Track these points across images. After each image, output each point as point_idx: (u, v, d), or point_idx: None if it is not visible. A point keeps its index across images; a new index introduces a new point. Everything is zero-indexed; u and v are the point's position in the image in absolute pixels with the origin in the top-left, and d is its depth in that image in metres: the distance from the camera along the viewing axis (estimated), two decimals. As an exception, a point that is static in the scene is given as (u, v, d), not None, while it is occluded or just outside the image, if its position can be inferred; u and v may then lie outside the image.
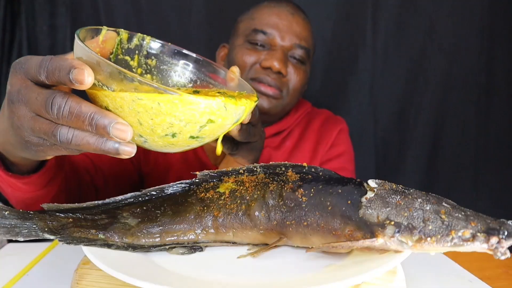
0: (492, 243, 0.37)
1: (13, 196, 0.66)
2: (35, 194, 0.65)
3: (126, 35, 0.52)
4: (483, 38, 1.42)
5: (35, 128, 0.42)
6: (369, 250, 0.45)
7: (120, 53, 0.53)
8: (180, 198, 0.56)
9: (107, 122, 0.39)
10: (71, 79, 0.38)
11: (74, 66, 0.39)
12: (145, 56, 0.55)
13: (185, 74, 0.58)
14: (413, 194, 0.44)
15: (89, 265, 0.50)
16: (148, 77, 0.56)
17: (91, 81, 0.39)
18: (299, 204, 0.50)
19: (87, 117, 0.39)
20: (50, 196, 0.68)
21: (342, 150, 1.07)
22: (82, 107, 0.40)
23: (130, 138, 0.41)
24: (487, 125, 1.46)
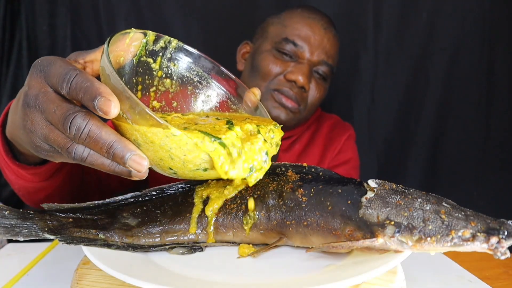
0: (492, 243, 0.37)
1: (16, 183, 0.65)
2: (39, 184, 0.65)
3: (152, 37, 0.52)
4: (484, 38, 1.42)
5: (49, 138, 0.42)
6: (369, 250, 0.45)
7: (143, 55, 0.52)
8: (180, 198, 0.57)
9: (126, 154, 0.39)
10: (96, 106, 0.37)
11: (101, 95, 0.38)
12: (168, 59, 0.55)
13: (204, 83, 0.58)
14: (413, 194, 0.44)
15: (89, 265, 0.50)
16: (167, 82, 0.56)
17: (116, 113, 0.38)
18: (299, 204, 0.50)
19: (106, 145, 0.39)
20: (53, 186, 0.68)
21: (349, 157, 1.07)
22: (102, 133, 0.39)
23: (145, 171, 0.40)
24: (488, 125, 1.46)
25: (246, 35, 1.10)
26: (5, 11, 1.30)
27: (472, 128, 1.46)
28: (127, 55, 0.50)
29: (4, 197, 1.31)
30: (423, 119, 1.47)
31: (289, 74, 0.92)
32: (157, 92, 0.56)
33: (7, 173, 0.63)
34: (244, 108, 0.57)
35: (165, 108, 0.57)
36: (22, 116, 0.44)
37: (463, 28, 1.42)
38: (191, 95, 0.58)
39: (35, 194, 0.68)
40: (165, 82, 0.56)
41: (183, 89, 0.57)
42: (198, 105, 0.58)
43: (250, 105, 0.56)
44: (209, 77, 0.58)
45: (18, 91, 0.49)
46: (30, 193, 0.68)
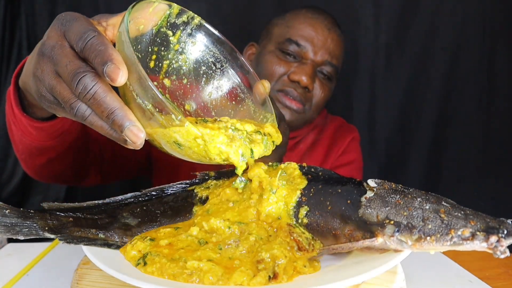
0: (492, 242, 0.37)
1: (20, 142, 0.65)
2: (43, 144, 0.65)
3: (176, 10, 0.52)
4: (484, 38, 1.42)
5: (55, 90, 0.42)
6: (369, 250, 0.45)
7: (164, 26, 0.52)
8: (180, 198, 0.57)
9: (125, 123, 0.39)
10: (104, 71, 0.38)
11: (112, 61, 0.38)
12: (187, 35, 0.55)
13: (218, 65, 0.57)
14: (413, 194, 0.43)
15: (89, 265, 0.50)
16: (182, 58, 0.55)
17: (123, 82, 0.38)
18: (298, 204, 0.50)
19: (108, 109, 0.39)
20: (56, 150, 0.68)
21: (352, 158, 1.07)
22: (107, 97, 0.39)
23: (140, 143, 0.41)
24: (489, 125, 1.46)
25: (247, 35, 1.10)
26: (5, 11, 1.30)
27: (472, 128, 1.46)
28: (148, 24, 0.49)
29: (4, 197, 1.31)
30: (423, 119, 1.47)
31: (292, 75, 0.92)
32: (170, 65, 0.55)
33: (13, 129, 0.63)
34: (251, 99, 0.57)
35: (175, 84, 0.57)
36: (35, 64, 0.44)
37: (463, 28, 1.42)
38: (203, 75, 0.57)
39: (37, 157, 0.68)
40: (180, 57, 0.55)
41: (197, 67, 0.57)
42: (209, 87, 0.58)
43: (258, 97, 0.56)
44: (225, 61, 0.57)
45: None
46: (32, 155, 0.68)
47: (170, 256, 0.43)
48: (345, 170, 1.05)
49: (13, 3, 1.32)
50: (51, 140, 0.64)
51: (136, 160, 0.99)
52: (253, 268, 0.42)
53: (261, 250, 0.44)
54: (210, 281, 0.39)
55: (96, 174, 0.88)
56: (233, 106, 0.57)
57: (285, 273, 0.41)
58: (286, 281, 0.41)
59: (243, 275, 0.40)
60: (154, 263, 0.42)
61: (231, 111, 0.58)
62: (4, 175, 1.33)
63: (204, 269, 0.40)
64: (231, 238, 0.46)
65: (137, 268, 0.43)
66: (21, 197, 1.37)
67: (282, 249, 0.43)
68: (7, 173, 1.33)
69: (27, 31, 1.36)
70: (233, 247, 0.44)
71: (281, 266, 0.41)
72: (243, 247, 0.45)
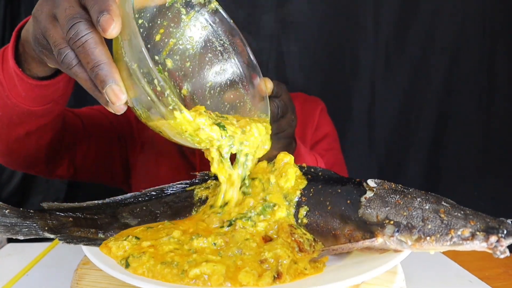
0: (492, 242, 0.37)
1: (4, 105, 0.62)
2: (28, 109, 0.61)
3: None
4: (484, 38, 1.42)
5: (48, 31, 0.42)
6: (369, 250, 0.45)
7: (179, 1, 0.51)
8: (179, 198, 0.57)
9: (108, 80, 0.38)
10: (98, 20, 0.37)
11: (109, 12, 0.37)
12: (201, 17, 0.53)
13: (225, 55, 0.56)
14: (413, 194, 0.44)
15: (89, 265, 0.50)
16: (190, 39, 0.54)
17: (114, 35, 0.38)
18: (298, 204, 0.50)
19: (94, 61, 0.39)
20: (38, 122, 0.65)
21: (327, 131, 1.06)
22: (96, 49, 0.38)
23: (120, 104, 0.40)
24: (489, 125, 1.46)
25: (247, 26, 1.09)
26: (5, 11, 1.30)
27: (472, 128, 1.46)
28: None
29: (4, 197, 1.31)
30: (423, 119, 1.47)
31: None
32: (176, 44, 0.54)
33: (3, 84, 0.60)
34: (250, 96, 0.56)
35: (177, 64, 0.55)
36: (37, 6, 0.44)
37: (463, 28, 1.42)
38: (208, 62, 0.56)
39: (15, 126, 0.65)
40: (189, 39, 0.54)
41: (203, 53, 0.55)
42: (210, 74, 0.56)
43: (258, 94, 0.55)
44: (233, 52, 0.56)
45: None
46: (10, 125, 0.65)
47: (161, 260, 0.42)
48: (325, 144, 1.03)
49: (13, 3, 1.32)
50: (39, 105, 0.62)
51: (111, 160, 0.96)
52: (257, 268, 0.41)
53: (263, 250, 0.44)
54: (216, 283, 0.39)
55: (69, 165, 0.86)
56: (231, 99, 0.56)
57: (288, 273, 0.41)
58: (289, 281, 0.41)
59: (249, 276, 0.40)
60: (143, 264, 0.41)
61: (227, 104, 0.56)
62: (4, 175, 1.33)
63: (207, 272, 0.40)
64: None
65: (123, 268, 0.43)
66: (21, 197, 1.37)
67: (284, 249, 0.43)
68: (7, 173, 1.33)
69: (27, 31, 1.36)
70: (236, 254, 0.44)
71: (285, 266, 0.41)
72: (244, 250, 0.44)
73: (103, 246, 0.46)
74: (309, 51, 1.44)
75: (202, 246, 0.44)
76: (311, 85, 1.46)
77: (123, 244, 0.45)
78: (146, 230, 0.49)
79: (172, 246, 0.44)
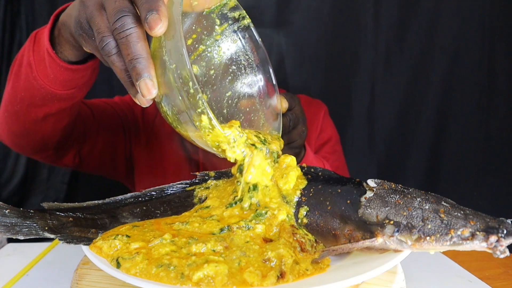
0: (491, 242, 0.37)
1: (25, 88, 0.65)
2: (52, 92, 0.65)
3: (232, 4, 0.53)
4: (484, 38, 1.42)
5: (93, 18, 0.44)
6: (368, 250, 0.45)
7: (216, 12, 0.53)
8: (179, 198, 0.57)
9: (143, 73, 0.40)
10: (146, 18, 0.39)
11: (158, 12, 0.39)
12: (233, 31, 0.56)
13: (248, 71, 0.58)
14: (412, 194, 0.44)
15: (89, 265, 0.50)
16: (219, 49, 0.57)
17: (158, 34, 0.40)
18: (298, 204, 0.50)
19: (134, 54, 0.40)
20: (59, 106, 0.68)
21: (330, 134, 1.07)
22: (138, 44, 0.40)
23: (149, 98, 0.42)
24: (489, 125, 1.46)
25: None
26: (5, 11, 1.30)
27: (472, 128, 1.46)
28: (202, 4, 0.51)
29: (4, 197, 1.31)
30: (423, 119, 1.47)
31: None
32: (205, 51, 0.56)
33: (24, 73, 0.64)
34: (265, 113, 0.58)
35: (202, 71, 0.58)
36: None
37: (463, 28, 1.42)
38: (231, 74, 0.59)
39: (36, 108, 0.68)
40: (217, 48, 0.57)
41: (228, 64, 0.58)
42: (231, 86, 0.59)
43: (274, 111, 0.58)
44: (256, 68, 0.58)
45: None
46: (31, 106, 0.68)
47: (156, 263, 0.41)
48: (328, 147, 1.04)
49: (13, 3, 1.32)
50: (64, 89, 0.65)
51: (115, 153, 0.98)
52: (261, 267, 0.41)
53: (266, 250, 0.43)
54: (221, 284, 0.39)
55: (76, 154, 0.88)
56: (246, 112, 0.59)
57: (291, 273, 0.41)
58: (292, 280, 0.41)
59: (253, 276, 0.40)
60: (136, 264, 0.41)
61: (242, 116, 0.59)
62: (4, 175, 1.33)
63: (210, 274, 0.39)
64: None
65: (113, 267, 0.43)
66: (21, 197, 1.37)
67: (287, 248, 0.43)
68: (7, 173, 1.33)
69: (27, 31, 1.35)
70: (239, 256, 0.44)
71: (288, 265, 0.41)
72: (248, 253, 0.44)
73: (92, 246, 0.46)
74: (309, 51, 1.44)
75: (201, 252, 0.43)
76: (311, 85, 1.46)
77: (114, 243, 0.45)
78: (132, 228, 0.48)
79: (169, 249, 0.43)
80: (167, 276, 0.39)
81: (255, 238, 0.46)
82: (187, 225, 0.48)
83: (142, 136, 1.00)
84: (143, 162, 0.99)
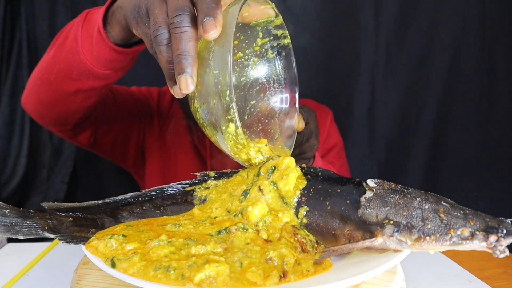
0: (491, 242, 0.37)
1: (66, 59, 0.69)
2: (91, 70, 0.68)
3: (278, 22, 0.56)
4: (484, 38, 1.42)
5: (154, 8, 0.46)
6: (368, 250, 0.45)
7: (261, 26, 0.56)
8: (180, 198, 0.57)
9: (187, 69, 0.43)
10: (203, 21, 0.42)
11: (215, 18, 0.42)
12: (271, 47, 0.59)
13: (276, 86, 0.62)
14: (412, 193, 0.44)
15: (89, 265, 0.50)
16: (254, 60, 0.60)
17: (211, 38, 0.43)
18: (298, 204, 0.50)
19: (183, 50, 0.43)
20: (92, 84, 0.72)
21: (336, 140, 1.09)
22: (190, 43, 0.43)
23: (186, 93, 0.44)
24: (489, 125, 1.46)
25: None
26: (5, 11, 1.30)
27: (472, 128, 1.46)
28: (251, 16, 0.54)
29: (4, 197, 1.31)
30: (423, 119, 1.47)
31: None
32: (241, 59, 0.60)
33: (68, 46, 0.68)
34: (281, 127, 0.61)
35: (234, 75, 0.61)
36: None
37: (463, 27, 1.42)
38: (259, 84, 0.62)
39: (71, 81, 0.71)
40: (253, 59, 0.60)
41: (259, 77, 0.61)
42: (256, 95, 0.62)
43: (291, 129, 0.61)
44: (284, 88, 0.61)
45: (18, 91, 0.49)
46: (66, 78, 0.71)
47: (156, 265, 0.41)
48: (334, 153, 1.06)
49: (13, 3, 1.32)
50: (102, 68, 0.69)
51: (128, 141, 1.02)
52: (263, 267, 0.41)
53: (268, 249, 0.43)
54: (223, 284, 0.39)
55: (92, 134, 0.92)
56: (265, 123, 0.62)
57: (292, 273, 0.41)
58: (294, 280, 0.41)
59: (256, 275, 0.40)
60: (134, 264, 0.41)
61: (260, 125, 0.62)
62: (4, 175, 1.33)
63: (212, 275, 0.39)
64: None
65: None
66: (21, 197, 1.37)
67: (289, 248, 0.44)
68: (7, 173, 1.33)
69: (27, 31, 1.35)
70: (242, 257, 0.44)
71: (290, 265, 0.41)
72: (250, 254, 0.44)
73: (88, 246, 0.46)
74: (309, 51, 1.44)
75: (202, 253, 0.43)
76: (311, 85, 1.46)
77: (110, 242, 0.45)
78: (127, 228, 0.48)
79: (167, 250, 0.43)
80: (166, 278, 0.39)
81: (256, 239, 0.46)
82: (180, 227, 0.48)
83: (155, 128, 1.04)
84: (155, 153, 1.03)
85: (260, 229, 0.47)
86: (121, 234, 0.46)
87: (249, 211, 0.48)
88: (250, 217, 0.48)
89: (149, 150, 1.04)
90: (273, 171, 0.52)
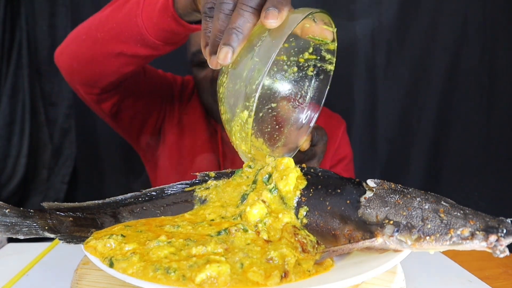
0: (491, 241, 0.37)
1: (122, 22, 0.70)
2: (143, 34, 0.69)
3: (332, 47, 0.57)
4: (485, 38, 1.42)
5: None
6: (368, 250, 0.45)
7: (314, 42, 0.58)
8: (180, 199, 0.57)
9: (233, 43, 0.44)
10: (268, 8, 0.43)
11: (280, 11, 0.43)
12: (313, 65, 0.61)
13: (300, 102, 0.63)
14: (412, 193, 0.44)
15: (89, 265, 0.50)
16: (294, 70, 0.62)
17: (267, 27, 0.44)
18: (298, 204, 0.50)
19: (238, 26, 0.45)
20: (138, 52, 0.73)
21: (346, 152, 1.08)
22: (248, 24, 0.45)
23: (222, 63, 0.45)
24: (490, 125, 1.46)
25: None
26: (5, 11, 1.30)
27: (473, 128, 1.46)
28: (311, 31, 0.55)
29: (4, 197, 1.31)
30: (424, 119, 1.47)
31: None
32: (283, 61, 0.61)
33: (140, 5, 0.68)
34: (287, 139, 0.63)
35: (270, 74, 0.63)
36: None
37: (464, 27, 1.42)
38: (286, 91, 0.63)
39: (118, 43, 0.72)
40: (292, 68, 0.61)
41: (289, 87, 0.63)
42: (279, 100, 0.64)
43: (295, 145, 0.63)
44: (308, 106, 0.63)
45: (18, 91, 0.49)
46: (114, 40, 0.72)
47: (156, 266, 0.40)
48: (342, 165, 1.06)
49: (13, 3, 1.32)
50: (154, 37, 0.69)
51: (146, 121, 1.02)
52: (264, 266, 0.41)
53: (269, 249, 0.43)
54: (224, 285, 0.39)
55: (115, 105, 0.92)
56: (274, 128, 0.63)
57: (293, 273, 0.41)
58: (295, 280, 0.41)
59: (257, 275, 0.39)
60: (133, 264, 0.41)
61: (269, 128, 0.63)
62: (4, 175, 1.33)
63: (213, 275, 0.39)
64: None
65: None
66: (21, 197, 1.37)
67: (290, 248, 0.43)
68: (7, 173, 1.33)
69: (27, 31, 1.36)
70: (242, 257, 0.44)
71: (291, 265, 0.41)
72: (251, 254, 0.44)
73: (86, 246, 0.45)
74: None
75: (202, 254, 0.43)
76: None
77: (109, 241, 0.45)
78: (125, 228, 0.48)
79: (167, 251, 0.43)
80: (166, 279, 0.39)
81: (256, 240, 0.46)
82: (179, 228, 0.48)
83: (175, 114, 1.05)
84: (172, 139, 1.04)
85: (260, 230, 0.47)
86: (119, 234, 0.46)
87: (247, 211, 0.48)
88: (249, 218, 0.48)
89: (167, 135, 1.05)
90: (267, 179, 0.52)
